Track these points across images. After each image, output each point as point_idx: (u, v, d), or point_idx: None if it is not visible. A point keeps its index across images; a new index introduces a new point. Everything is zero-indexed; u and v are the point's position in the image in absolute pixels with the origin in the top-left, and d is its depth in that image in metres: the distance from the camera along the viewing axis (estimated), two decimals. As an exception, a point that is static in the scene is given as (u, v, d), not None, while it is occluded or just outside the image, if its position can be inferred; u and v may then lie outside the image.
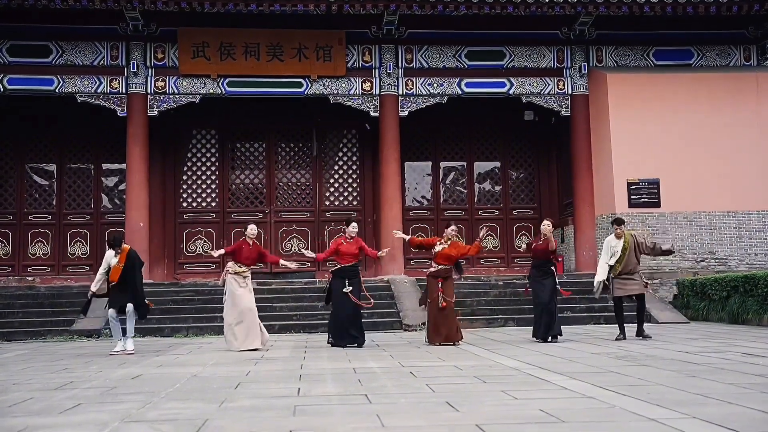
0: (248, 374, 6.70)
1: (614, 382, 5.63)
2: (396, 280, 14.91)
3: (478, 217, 17.91)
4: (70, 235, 16.97)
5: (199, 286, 14.96)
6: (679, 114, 15.80)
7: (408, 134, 16.80)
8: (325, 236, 17.42)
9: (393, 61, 16.12)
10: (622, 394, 4.99)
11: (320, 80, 15.97)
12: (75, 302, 13.80)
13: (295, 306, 13.67)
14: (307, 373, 6.74)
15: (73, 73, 15.51)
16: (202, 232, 17.25)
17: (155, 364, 7.83)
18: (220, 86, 15.82)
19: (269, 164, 17.67)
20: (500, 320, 13.22)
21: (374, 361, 7.62)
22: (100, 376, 6.84)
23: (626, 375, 6.05)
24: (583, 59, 16.41)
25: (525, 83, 16.31)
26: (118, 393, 5.63)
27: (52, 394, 5.67)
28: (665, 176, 15.62)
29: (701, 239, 15.65)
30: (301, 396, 5.29)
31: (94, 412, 4.77)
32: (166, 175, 17.16)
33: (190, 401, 5.13)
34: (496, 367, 6.93)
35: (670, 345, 8.80)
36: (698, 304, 13.75)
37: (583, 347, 8.77)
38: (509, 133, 18.12)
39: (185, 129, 17.50)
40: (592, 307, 13.76)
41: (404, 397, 5.10)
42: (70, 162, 17.33)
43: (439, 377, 6.20)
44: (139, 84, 15.62)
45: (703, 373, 6.07)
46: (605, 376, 5.98)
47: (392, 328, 12.77)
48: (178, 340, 11.53)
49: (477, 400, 4.89)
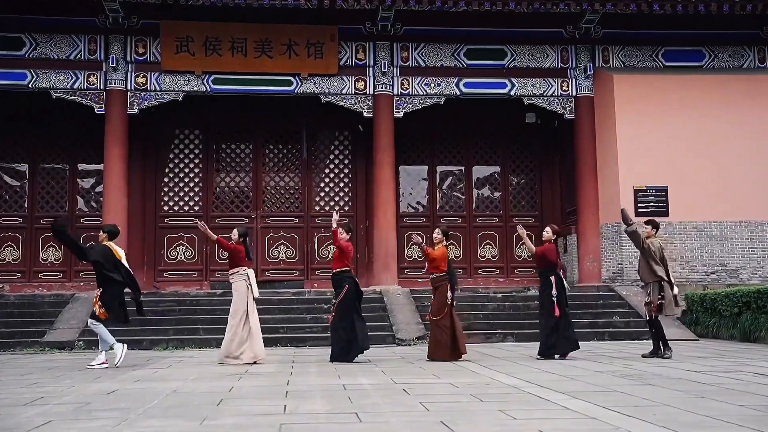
0: (231, 390, 6.69)
1: (619, 402, 5.65)
2: (389, 291, 14.91)
3: (476, 225, 17.94)
4: (43, 240, 16.89)
5: (181, 296, 14.92)
6: (689, 118, 15.88)
7: (403, 136, 16.83)
8: (314, 243, 17.42)
9: (388, 60, 16.16)
10: (627, 415, 5.01)
11: (311, 78, 15.99)
12: (47, 312, 13.76)
13: (282, 318, 13.64)
14: (294, 389, 6.73)
15: (48, 67, 15.48)
16: (184, 237, 17.21)
17: (132, 379, 7.81)
18: (205, 83, 15.82)
19: (256, 167, 17.66)
20: (498, 335, 13.22)
21: (365, 377, 7.62)
22: (73, 391, 6.81)
23: (631, 395, 6.07)
24: (588, 59, 16.49)
25: (527, 84, 16.37)
26: (92, 409, 5.61)
27: (21, 410, 5.65)
28: (674, 183, 15.69)
29: (711, 250, 15.71)
30: (287, 413, 5.29)
31: (66, 429, 4.76)
32: (146, 177, 17.12)
33: (170, 418, 5.12)
34: (494, 384, 6.94)
35: (677, 363, 8.83)
36: (708, 321, 13.75)
37: (586, 365, 8.79)
38: (510, 136, 18.17)
39: (167, 128, 17.46)
40: (595, 323, 13.77)
41: (396, 416, 5.10)
42: (43, 162, 17.27)
43: (433, 395, 6.20)
44: (119, 80, 15.60)
45: (713, 393, 6.10)
46: (609, 396, 6.00)
47: (384, 343, 12.75)
48: (158, 353, 11.49)
49: (473, 420, 4.90)
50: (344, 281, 9.64)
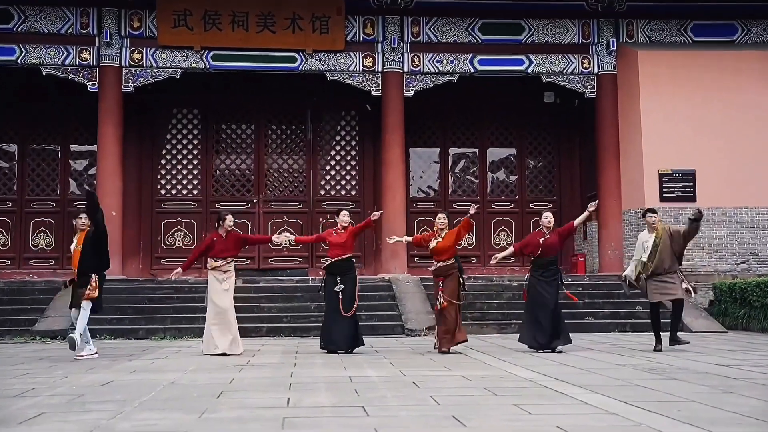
0: (232, 382, 6.73)
1: (641, 396, 5.64)
2: (398, 279, 14.93)
3: (490, 210, 17.91)
4: (33, 225, 16.97)
5: (179, 283, 14.93)
6: (719, 97, 15.75)
7: (413, 117, 16.77)
8: (319, 229, 17.41)
9: (398, 35, 16.09)
10: (650, 411, 5.00)
11: (316, 55, 15.94)
12: (38, 299, 13.85)
13: (286, 306, 13.70)
14: (298, 381, 6.76)
15: (38, 42, 15.48)
16: (182, 223, 17.26)
17: (128, 370, 7.86)
18: (204, 59, 15.80)
19: (258, 148, 17.66)
20: (513, 326, 13.21)
21: (373, 369, 7.64)
22: (66, 382, 6.86)
23: (654, 389, 6.06)
24: (611, 34, 16.37)
25: (546, 61, 16.27)
26: (85, 401, 5.65)
27: (12, 402, 5.69)
28: (702, 167, 15.59)
29: (742, 238, 15.64)
30: (290, 407, 5.31)
31: (59, 422, 4.79)
32: (142, 159, 17.15)
33: (167, 411, 5.15)
34: (509, 377, 6.95)
35: (704, 357, 8.82)
36: (737, 312, 13.76)
37: (607, 357, 8.79)
38: (527, 116, 18.08)
39: (164, 107, 17.47)
40: (617, 313, 13.77)
41: (405, 410, 5.11)
42: (33, 142, 17.31)
43: (444, 388, 6.22)
44: (113, 56, 15.59)
45: (742, 389, 6.08)
46: (631, 390, 6.00)
47: (393, 333, 12.79)
48: (155, 343, 11.56)
49: (486, 415, 4.91)
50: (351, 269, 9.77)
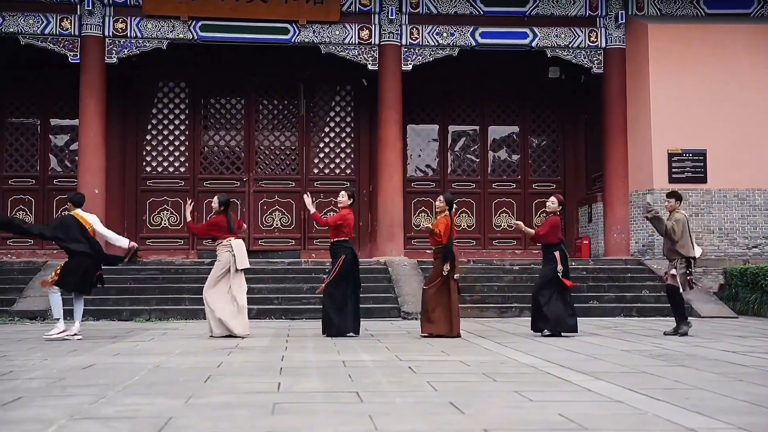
0: (220, 366, 6.72)
1: (647, 384, 5.65)
2: (394, 262, 14.95)
3: (491, 191, 17.90)
4: (11, 203, 16.92)
5: (165, 264, 14.97)
6: (732, 73, 15.70)
7: (412, 92, 16.70)
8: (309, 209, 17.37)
9: (396, 5, 15.98)
10: (656, 399, 5.01)
11: (310, 26, 15.84)
12: (16, 279, 13.86)
13: (276, 288, 13.73)
14: (289, 365, 6.76)
15: (15, 9, 15.34)
16: (168, 201, 17.22)
17: (111, 352, 7.85)
18: (192, 30, 15.68)
19: (248, 124, 17.60)
20: (514, 309, 13.28)
21: (367, 354, 7.65)
22: (46, 365, 6.85)
23: (661, 376, 6.07)
24: (620, 6, 16.28)
25: (551, 34, 16.19)
26: (66, 385, 5.64)
27: (-11, 384, 5.68)
28: (713, 146, 15.58)
29: (755, 222, 15.65)
30: (281, 392, 5.31)
31: (38, 407, 4.78)
32: (126, 134, 17.09)
33: (152, 396, 5.14)
34: (509, 363, 6.96)
35: (713, 343, 8.84)
36: (749, 297, 13.83)
37: (612, 343, 8.81)
38: (530, 93, 18.04)
39: (150, 80, 17.38)
40: (622, 297, 13.83)
41: (401, 396, 5.11)
42: (11, 116, 17.23)
43: (442, 374, 6.23)
44: (95, 25, 15.47)
45: (753, 376, 6.09)
46: (636, 377, 6.01)
47: (389, 316, 12.83)
48: (139, 325, 11.56)
49: (485, 401, 4.91)
50: (341, 252, 9.65)
